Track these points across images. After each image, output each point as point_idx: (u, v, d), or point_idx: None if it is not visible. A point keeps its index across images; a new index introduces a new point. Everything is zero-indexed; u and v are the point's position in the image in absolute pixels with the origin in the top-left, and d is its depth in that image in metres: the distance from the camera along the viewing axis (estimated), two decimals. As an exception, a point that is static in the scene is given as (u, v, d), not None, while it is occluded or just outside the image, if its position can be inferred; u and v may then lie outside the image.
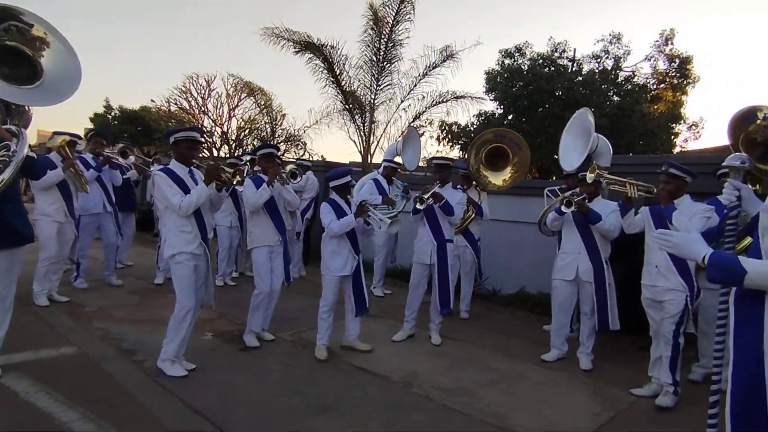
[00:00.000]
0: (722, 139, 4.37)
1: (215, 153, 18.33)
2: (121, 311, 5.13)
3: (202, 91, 19.07)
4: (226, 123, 19.26)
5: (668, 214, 3.46)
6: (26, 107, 2.97)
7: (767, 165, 3.14)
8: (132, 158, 6.17)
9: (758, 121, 3.82)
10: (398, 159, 6.87)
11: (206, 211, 3.70)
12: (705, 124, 15.17)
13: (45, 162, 4.83)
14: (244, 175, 3.98)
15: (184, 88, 18.76)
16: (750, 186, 3.87)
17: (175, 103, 19.12)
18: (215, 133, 19.18)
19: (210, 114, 19.14)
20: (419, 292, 4.84)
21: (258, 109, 18.65)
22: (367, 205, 4.27)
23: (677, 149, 13.83)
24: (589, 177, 4.02)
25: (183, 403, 3.16)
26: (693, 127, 14.73)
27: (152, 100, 20.33)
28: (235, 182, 3.75)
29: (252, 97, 18.31)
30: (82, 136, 5.56)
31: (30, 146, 2.93)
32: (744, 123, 3.88)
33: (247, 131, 18.81)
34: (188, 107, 19.17)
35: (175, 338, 3.57)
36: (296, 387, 3.55)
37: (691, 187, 3.72)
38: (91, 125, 25.37)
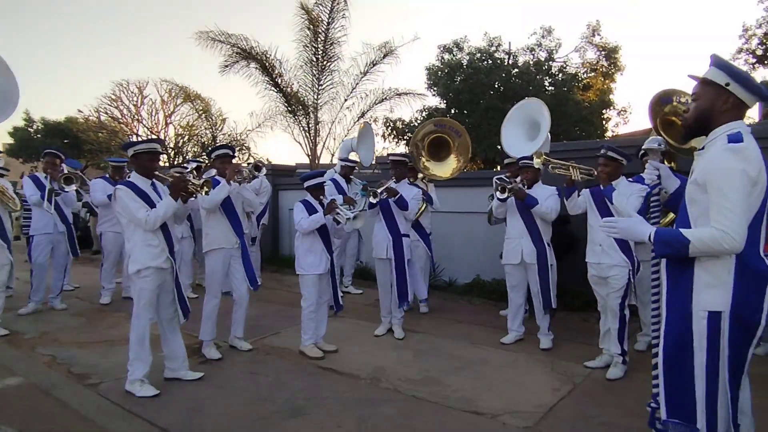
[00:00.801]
0: (648, 123, 4.71)
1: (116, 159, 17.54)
2: (66, 335, 4.85)
3: (134, 99, 18.25)
4: (163, 131, 18.53)
5: (608, 194, 3.71)
6: None
7: (683, 144, 3.44)
8: (74, 186, 5.77)
9: (673, 103, 4.17)
10: (353, 156, 6.85)
11: (171, 224, 3.61)
12: (632, 109, 16.24)
13: None
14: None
15: (114, 96, 17.89)
16: (667, 164, 4.27)
17: (106, 113, 18.18)
18: (151, 141, 18.39)
19: (144, 122, 18.35)
20: (387, 287, 4.90)
21: (196, 114, 18.06)
22: (335, 202, 4.28)
23: (609, 134, 14.71)
24: (536, 162, 4.22)
25: (148, 423, 3.05)
26: (622, 112, 15.72)
27: (79, 110, 19.17)
28: (203, 193, 3.63)
29: (189, 103, 17.68)
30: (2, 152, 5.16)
31: None
32: (661, 105, 4.22)
33: (186, 138, 18.17)
34: (120, 116, 18.29)
35: (139, 356, 3.45)
36: (264, 394, 3.51)
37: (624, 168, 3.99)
38: (10, 140, 23.58)
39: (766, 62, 11.72)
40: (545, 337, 4.50)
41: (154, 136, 18.01)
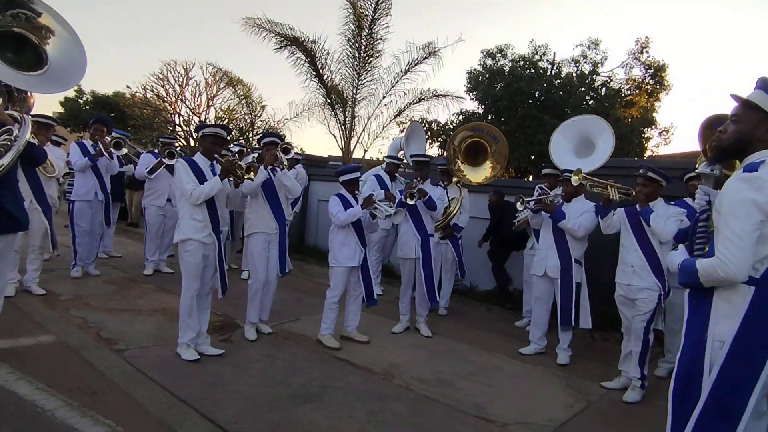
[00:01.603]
0: (691, 145, 4.61)
1: (192, 143, 18.05)
2: (97, 300, 5.07)
3: (180, 79, 18.70)
4: (204, 112, 18.97)
5: (646, 216, 3.64)
6: (28, 93, 2.94)
7: (731, 170, 3.34)
8: (124, 150, 6.03)
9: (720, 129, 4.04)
10: (401, 153, 6.82)
11: (221, 205, 3.86)
12: (675, 130, 15.74)
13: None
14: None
15: (161, 75, 18.34)
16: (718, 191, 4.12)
17: (152, 90, 18.73)
18: (192, 122, 18.88)
19: (187, 102, 18.83)
20: (410, 286, 4.97)
21: (237, 99, 18.43)
22: (374, 197, 4.35)
23: (648, 153, 14.30)
24: (575, 180, 4.18)
25: (168, 392, 3.17)
26: (664, 132, 15.25)
27: (128, 86, 19.81)
28: (247, 178, 3.82)
29: (231, 88, 18.05)
30: (53, 119, 5.40)
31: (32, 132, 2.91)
32: (712, 130, 4.10)
33: (225, 121, 18.52)
34: (165, 95, 18.82)
35: (186, 323, 3.72)
36: (280, 377, 3.60)
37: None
38: (60, 109, 24.57)
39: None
40: (563, 353, 4.44)
41: (214, 122, 18.46)
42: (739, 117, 1.93)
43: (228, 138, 4.07)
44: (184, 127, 18.74)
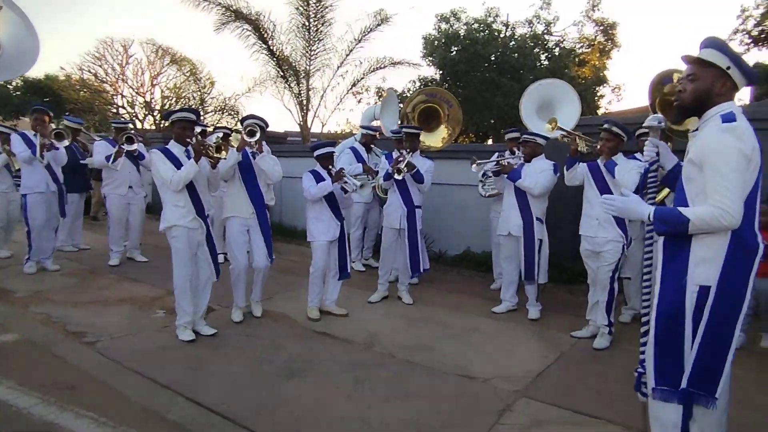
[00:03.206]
0: (641, 101, 4.79)
1: (139, 125, 17.20)
2: (59, 295, 4.84)
3: (119, 58, 17.65)
4: (149, 92, 18.06)
5: (611, 168, 3.78)
6: None
7: (679, 126, 3.49)
8: (66, 141, 5.65)
9: (674, 83, 4.22)
10: (375, 124, 6.69)
11: (202, 188, 3.84)
12: (626, 87, 16.30)
13: None
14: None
15: (98, 54, 17.26)
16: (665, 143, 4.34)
17: (89, 71, 17.60)
18: (137, 103, 17.95)
19: (129, 82, 17.83)
20: (390, 255, 5.01)
21: (184, 77, 17.59)
22: (343, 170, 4.31)
23: (602, 111, 14.74)
24: (547, 128, 4.28)
25: (148, 379, 3.10)
26: (616, 89, 15.74)
27: (62, 68, 18.52)
28: (222, 156, 3.78)
29: (177, 65, 17.19)
30: None
31: None
32: (661, 85, 4.28)
33: (173, 99, 17.73)
34: (104, 75, 17.72)
35: (181, 306, 3.78)
36: (261, 356, 3.58)
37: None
38: (-14, 97, 22.77)
39: (760, 43, 11.76)
40: (533, 308, 4.63)
41: (160, 101, 17.53)
42: (695, 75, 2.01)
43: (197, 120, 3.94)
44: (129, 109, 17.85)
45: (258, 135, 4.02)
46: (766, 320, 3.70)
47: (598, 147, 3.96)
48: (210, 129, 6.58)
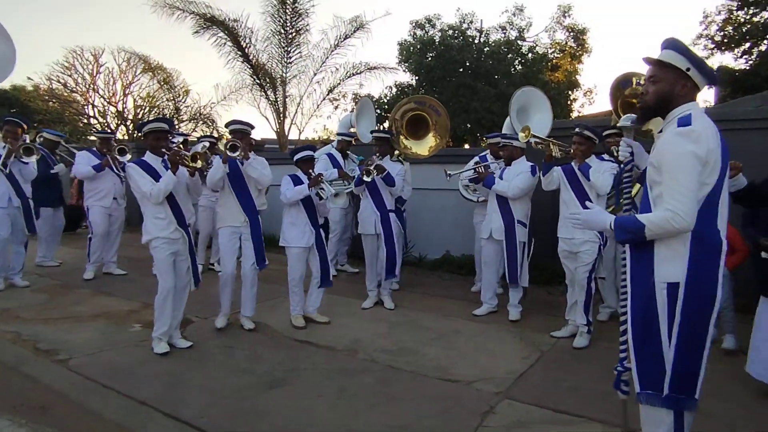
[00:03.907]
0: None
1: (111, 132, 16.82)
2: (29, 312, 4.68)
3: (90, 67, 17.27)
4: (121, 101, 17.69)
5: (585, 171, 3.86)
6: None
7: (643, 127, 3.60)
8: (35, 157, 5.46)
9: (633, 86, 4.37)
10: (353, 130, 6.71)
11: (183, 198, 3.81)
12: (598, 90, 16.72)
13: None
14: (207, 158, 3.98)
15: (67, 64, 16.85)
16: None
17: (58, 81, 17.16)
18: (109, 112, 17.57)
19: (100, 92, 17.45)
20: (374, 261, 5.02)
21: (158, 85, 17.30)
22: (321, 176, 4.27)
23: (575, 114, 15.07)
24: (522, 137, 4.34)
25: (124, 396, 3.01)
26: (588, 93, 16.13)
27: (29, 77, 18.01)
28: (198, 166, 3.72)
29: (150, 73, 16.89)
30: None
31: None
32: (621, 89, 4.42)
33: (146, 109, 17.41)
34: (74, 85, 17.31)
35: (159, 317, 3.72)
36: (242, 366, 3.52)
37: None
38: (-50, 109, 22.00)
39: (723, 48, 12.21)
40: (514, 309, 4.67)
41: (133, 110, 17.18)
42: (656, 77, 2.04)
43: (170, 129, 3.89)
44: (100, 119, 17.45)
45: (239, 151, 3.98)
46: (725, 319, 3.69)
47: (572, 151, 4.04)
48: (191, 138, 6.50)
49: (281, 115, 12.87)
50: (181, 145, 5.59)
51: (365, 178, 4.64)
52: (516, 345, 4.03)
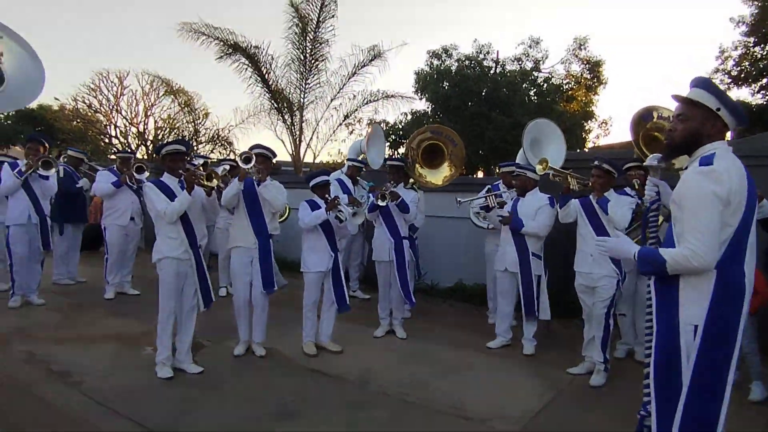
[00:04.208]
0: (628, 135, 4.92)
1: (131, 152, 17.15)
2: (43, 331, 4.70)
3: (114, 89, 17.80)
4: (143, 122, 18.14)
5: (604, 205, 3.82)
6: None
7: (670, 164, 3.58)
8: (53, 170, 5.60)
9: (654, 120, 4.38)
10: (362, 156, 6.77)
11: (197, 218, 3.84)
12: (613, 121, 16.77)
13: None
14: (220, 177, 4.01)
15: (93, 86, 17.40)
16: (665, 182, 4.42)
17: (83, 101, 17.68)
18: (130, 133, 18.00)
19: (123, 113, 17.92)
20: (387, 289, 4.99)
21: (178, 107, 17.73)
22: (338, 198, 4.29)
23: (590, 145, 15.08)
24: (539, 169, 4.33)
25: (134, 423, 2.99)
26: (603, 124, 16.18)
27: (56, 98, 18.57)
28: (213, 185, 3.79)
29: (171, 95, 17.34)
30: None
31: None
32: (643, 122, 4.42)
33: (167, 130, 17.80)
34: (98, 105, 17.82)
35: (161, 341, 3.72)
36: (252, 395, 3.49)
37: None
38: (-24, 126, 22.70)
39: (740, 83, 12.19)
40: (528, 343, 4.58)
41: (153, 131, 17.57)
42: (685, 115, 2.04)
43: (187, 151, 3.96)
44: (122, 139, 17.86)
45: (253, 161, 4.04)
46: (750, 365, 3.51)
47: (590, 184, 4.01)
48: (211, 160, 6.64)
49: (297, 139, 13.07)
50: (200, 167, 5.70)
51: (380, 203, 4.65)
52: (531, 381, 3.94)
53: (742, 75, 12.13)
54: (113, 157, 16.41)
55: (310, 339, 4.38)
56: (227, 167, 5.25)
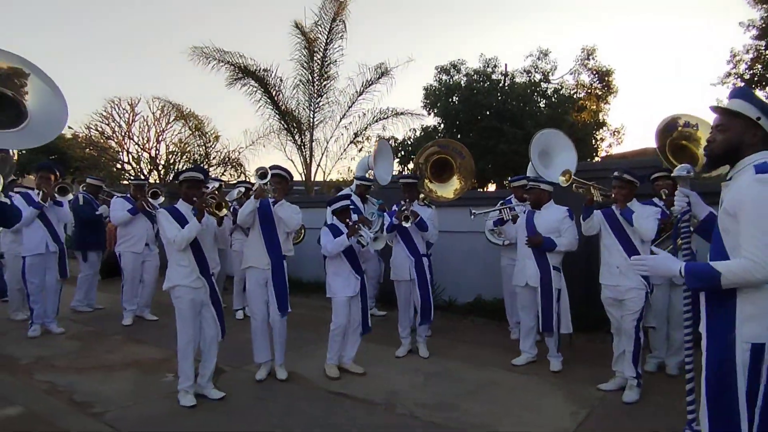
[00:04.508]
0: (640, 143, 4.86)
1: (137, 177, 17.35)
2: (63, 361, 4.68)
3: (126, 115, 18.07)
4: (154, 148, 18.36)
5: (628, 216, 3.74)
6: (10, 152, 2.72)
7: (708, 172, 3.51)
8: (70, 196, 5.69)
9: (679, 129, 4.33)
10: (370, 173, 6.71)
11: (208, 247, 3.80)
12: (625, 130, 16.66)
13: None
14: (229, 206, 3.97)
15: (105, 113, 17.68)
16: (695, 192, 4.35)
17: (96, 128, 17.97)
18: (142, 158, 18.21)
19: (135, 138, 18.16)
20: (407, 308, 4.94)
21: (189, 132, 17.94)
22: (358, 224, 4.25)
23: (602, 154, 14.98)
24: (562, 180, 4.26)
25: (160, 455, 2.93)
26: (615, 133, 16.09)
27: (70, 126, 18.88)
28: (222, 214, 3.75)
29: (182, 120, 17.57)
30: None
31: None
32: (668, 131, 4.37)
33: (178, 154, 18.00)
34: (111, 133, 18.09)
35: (182, 369, 3.68)
36: (276, 422, 3.41)
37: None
38: (-6, 155, 23.15)
39: (753, 86, 12.07)
40: (555, 359, 4.46)
41: (165, 156, 17.81)
42: (724, 126, 2.01)
43: (204, 179, 3.95)
44: (134, 164, 18.07)
45: (269, 177, 4.05)
46: None
47: (612, 195, 3.94)
48: (226, 182, 6.67)
49: (307, 159, 13.12)
50: (216, 191, 5.71)
51: (405, 224, 4.61)
52: (561, 399, 3.82)
53: (755, 78, 12.01)
54: (126, 183, 16.62)
55: (333, 362, 4.31)
56: (242, 189, 5.25)
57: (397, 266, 4.91)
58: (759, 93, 12.21)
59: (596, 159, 14.40)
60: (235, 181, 12.79)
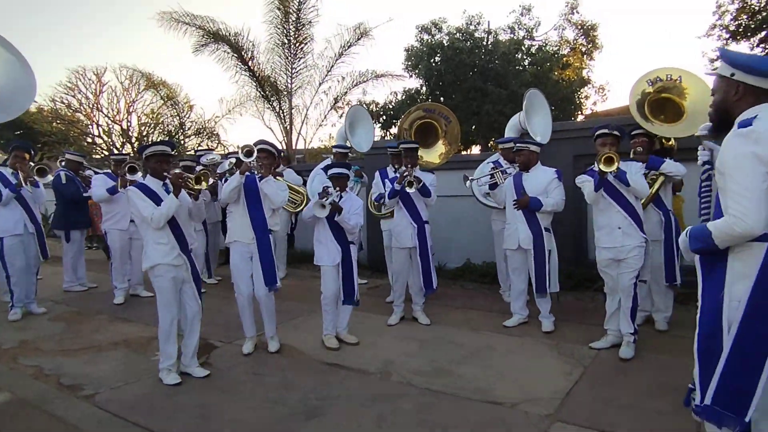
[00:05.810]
0: (625, 101, 4.82)
1: (118, 152, 16.75)
2: (48, 343, 4.55)
3: (92, 86, 17.24)
4: (125, 119, 17.66)
5: (622, 177, 3.68)
6: None
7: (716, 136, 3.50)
8: (50, 177, 5.45)
9: (662, 81, 4.33)
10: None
11: (184, 223, 3.64)
12: (610, 87, 16.57)
13: None
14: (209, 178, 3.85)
15: (70, 85, 16.83)
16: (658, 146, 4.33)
17: (62, 101, 17.15)
18: (114, 131, 17.53)
19: (104, 110, 17.42)
20: (404, 276, 4.89)
21: (161, 102, 17.24)
22: (328, 189, 4.14)
23: (587, 111, 14.89)
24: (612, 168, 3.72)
25: (155, 435, 2.88)
26: (600, 90, 15.95)
27: (34, 100, 17.99)
28: (203, 188, 3.62)
29: (153, 90, 16.85)
30: None
31: None
32: (648, 85, 4.36)
33: (151, 126, 17.36)
34: (78, 105, 17.29)
35: (164, 349, 3.59)
36: (273, 395, 3.37)
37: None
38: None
39: (738, 37, 11.96)
40: (547, 320, 4.50)
41: (137, 127, 17.13)
42: (713, 90, 2.05)
43: (173, 152, 3.77)
44: (106, 138, 17.42)
45: (255, 155, 3.90)
46: None
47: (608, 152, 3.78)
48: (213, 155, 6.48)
49: (287, 127, 12.77)
50: (207, 168, 5.45)
51: (409, 189, 4.50)
52: (555, 359, 3.86)
53: (741, 29, 11.87)
54: (98, 157, 16.05)
55: (329, 332, 4.28)
56: (233, 160, 5.05)
57: (399, 233, 4.82)
58: (744, 44, 12.16)
59: (580, 117, 14.32)
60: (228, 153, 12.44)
